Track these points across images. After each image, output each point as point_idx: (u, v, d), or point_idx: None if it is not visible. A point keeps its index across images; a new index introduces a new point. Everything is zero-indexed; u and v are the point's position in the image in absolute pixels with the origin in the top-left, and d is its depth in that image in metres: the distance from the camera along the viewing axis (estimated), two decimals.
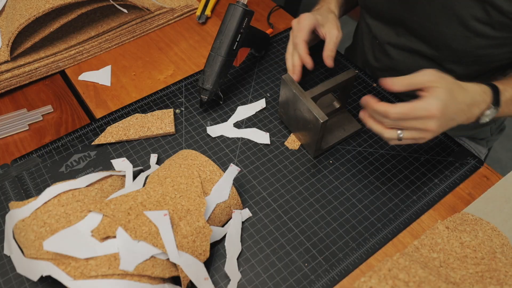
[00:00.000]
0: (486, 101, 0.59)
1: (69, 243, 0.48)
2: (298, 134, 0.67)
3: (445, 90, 0.54)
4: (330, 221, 0.59)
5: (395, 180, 0.64)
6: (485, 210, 0.59)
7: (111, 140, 0.67)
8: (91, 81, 0.78)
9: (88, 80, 0.78)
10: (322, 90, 0.62)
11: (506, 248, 0.55)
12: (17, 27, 0.71)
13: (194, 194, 0.53)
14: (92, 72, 0.80)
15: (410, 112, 0.54)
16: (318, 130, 0.59)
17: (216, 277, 0.54)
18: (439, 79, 0.55)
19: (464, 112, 0.57)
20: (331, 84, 0.63)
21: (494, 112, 0.59)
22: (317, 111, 0.59)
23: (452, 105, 0.55)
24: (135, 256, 0.48)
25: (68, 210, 0.51)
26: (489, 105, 0.59)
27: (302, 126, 0.64)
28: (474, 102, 0.57)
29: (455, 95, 0.55)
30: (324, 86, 0.63)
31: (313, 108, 0.59)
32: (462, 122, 0.58)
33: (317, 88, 0.62)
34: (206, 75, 0.69)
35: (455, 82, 0.57)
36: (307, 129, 0.63)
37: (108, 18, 0.84)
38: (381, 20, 0.80)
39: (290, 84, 0.62)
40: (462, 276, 0.52)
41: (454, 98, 0.55)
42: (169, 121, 0.69)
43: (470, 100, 0.57)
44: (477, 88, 0.58)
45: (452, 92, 0.55)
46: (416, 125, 0.54)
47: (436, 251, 0.55)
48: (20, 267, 0.50)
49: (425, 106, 0.53)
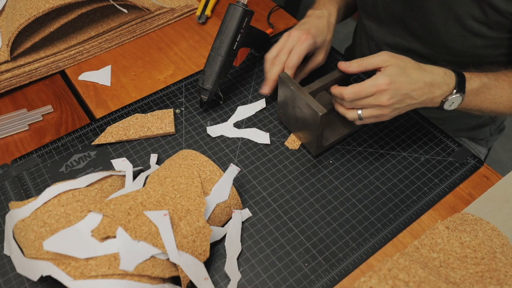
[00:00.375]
0: (449, 85, 0.60)
1: (69, 243, 0.48)
2: (299, 133, 0.67)
3: (395, 67, 0.57)
4: (330, 221, 0.59)
5: (395, 180, 0.64)
6: (485, 210, 0.59)
7: (111, 140, 0.67)
8: (91, 81, 0.78)
9: (88, 80, 0.78)
10: (320, 85, 0.62)
11: (506, 248, 0.55)
12: (17, 27, 0.71)
13: (194, 194, 0.53)
14: (92, 72, 0.80)
15: (361, 90, 0.57)
16: (317, 124, 0.59)
17: (216, 277, 0.54)
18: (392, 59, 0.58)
19: (422, 90, 0.58)
20: (327, 79, 0.63)
21: (459, 98, 0.60)
22: (315, 104, 0.59)
23: (403, 80, 0.57)
24: (135, 256, 0.48)
25: (68, 210, 0.51)
26: (451, 90, 0.60)
27: (302, 124, 0.64)
28: (434, 82, 0.59)
29: (408, 72, 0.57)
30: (321, 81, 0.63)
31: (311, 102, 0.59)
32: (425, 103, 0.60)
33: (314, 84, 0.62)
34: (206, 75, 0.69)
35: (411, 61, 0.59)
36: (307, 126, 0.63)
37: (108, 18, 0.84)
38: (378, 19, 0.79)
39: (288, 81, 0.62)
40: (462, 276, 0.52)
41: (407, 74, 0.57)
42: (169, 121, 0.69)
43: (430, 79, 0.58)
44: (439, 70, 0.60)
45: (404, 69, 0.57)
46: (370, 101, 0.58)
47: (436, 251, 0.55)
48: (20, 267, 0.50)
49: (374, 82, 0.56)
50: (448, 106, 0.61)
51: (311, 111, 0.59)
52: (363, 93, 0.57)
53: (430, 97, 0.59)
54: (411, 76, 0.57)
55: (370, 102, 0.58)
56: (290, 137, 0.69)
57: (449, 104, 0.60)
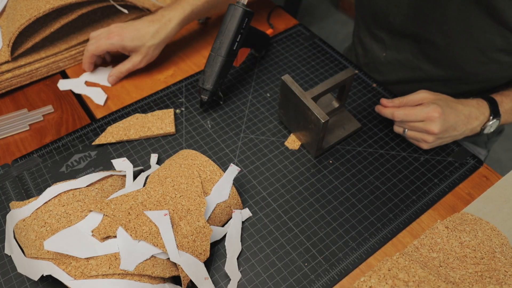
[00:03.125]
0: (485, 114, 0.64)
1: (69, 242, 0.48)
2: (299, 134, 0.67)
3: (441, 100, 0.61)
4: (330, 221, 0.59)
5: (395, 180, 0.64)
6: (485, 210, 0.60)
7: (112, 140, 0.67)
8: (92, 81, 0.78)
9: (89, 80, 0.78)
10: (322, 90, 0.62)
11: (506, 248, 0.55)
12: (18, 27, 0.71)
13: (194, 194, 0.54)
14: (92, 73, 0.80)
15: (411, 114, 0.61)
16: (319, 130, 0.60)
17: (216, 276, 0.54)
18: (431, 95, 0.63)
19: (463, 123, 0.62)
20: (330, 84, 0.63)
21: (496, 122, 0.64)
22: (318, 111, 0.59)
23: (450, 111, 0.61)
24: (136, 256, 0.48)
25: (69, 210, 0.51)
26: (488, 117, 0.64)
27: (302, 126, 0.64)
28: (471, 114, 0.63)
29: (452, 105, 0.62)
30: (323, 86, 0.63)
31: (314, 108, 0.59)
32: (465, 134, 0.64)
33: (316, 89, 0.62)
34: (206, 75, 0.69)
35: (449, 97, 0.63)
36: (307, 129, 0.63)
37: (109, 18, 0.84)
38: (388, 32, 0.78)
39: (291, 85, 0.62)
40: (462, 276, 0.52)
41: (452, 107, 0.61)
42: (169, 121, 0.70)
43: (467, 111, 0.62)
44: (472, 102, 0.64)
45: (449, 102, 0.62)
46: (420, 126, 0.62)
47: (436, 250, 0.55)
48: (21, 266, 0.51)
49: (426, 109, 0.60)
50: (487, 131, 0.65)
51: (313, 117, 0.60)
52: (413, 116, 0.61)
53: (470, 128, 0.63)
54: (456, 109, 0.61)
55: (419, 126, 0.62)
56: (290, 137, 0.69)
57: (488, 129, 0.64)
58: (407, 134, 0.64)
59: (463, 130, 0.62)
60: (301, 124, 0.64)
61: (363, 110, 0.73)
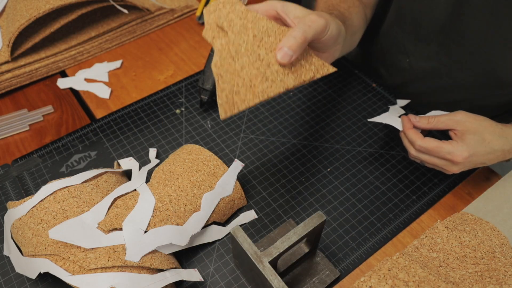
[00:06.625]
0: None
1: (74, 232, 0.48)
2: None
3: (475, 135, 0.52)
4: (330, 221, 0.59)
5: (395, 180, 0.64)
6: (485, 210, 0.60)
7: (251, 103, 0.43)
8: (90, 78, 0.78)
9: (87, 77, 0.78)
10: (284, 248, 0.45)
11: (506, 248, 0.55)
12: (18, 27, 0.71)
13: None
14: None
15: (434, 150, 0.54)
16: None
17: (217, 276, 0.54)
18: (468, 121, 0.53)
19: (498, 158, 0.55)
20: (296, 237, 0.46)
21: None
22: (277, 282, 0.43)
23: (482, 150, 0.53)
24: (142, 248, 0.49)
25: (65, 206, 0.51)
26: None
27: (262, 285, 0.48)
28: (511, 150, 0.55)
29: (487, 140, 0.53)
30: (286, 241, 0.46)
31: (272, 278, 0.44)
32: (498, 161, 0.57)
33: (275, 247, 0.45)
34: (206, 75, 0.69)
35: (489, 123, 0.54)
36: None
37: (109, 18, 0.84)
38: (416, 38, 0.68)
39: (242, 242, 0.46)
40: (462, 276, 0.52)
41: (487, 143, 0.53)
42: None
43: (509, 146, 0.55)
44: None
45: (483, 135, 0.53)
46: (438, 163, 0.55)
47: (436, 250, 0.55)
48: (19, 266, 0.51)
49: (452, 151, 0.52)
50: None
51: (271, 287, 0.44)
52: (435, 153, 0.54)
53: (502, 160, 0.56)
54: (491, 145, 0.53)
55: (437, 163, 0.55)
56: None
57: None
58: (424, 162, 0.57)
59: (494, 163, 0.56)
60: (260, 284, 0.48)
61: (363, 110, 0.73)
